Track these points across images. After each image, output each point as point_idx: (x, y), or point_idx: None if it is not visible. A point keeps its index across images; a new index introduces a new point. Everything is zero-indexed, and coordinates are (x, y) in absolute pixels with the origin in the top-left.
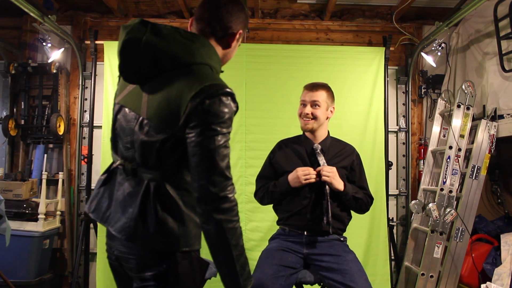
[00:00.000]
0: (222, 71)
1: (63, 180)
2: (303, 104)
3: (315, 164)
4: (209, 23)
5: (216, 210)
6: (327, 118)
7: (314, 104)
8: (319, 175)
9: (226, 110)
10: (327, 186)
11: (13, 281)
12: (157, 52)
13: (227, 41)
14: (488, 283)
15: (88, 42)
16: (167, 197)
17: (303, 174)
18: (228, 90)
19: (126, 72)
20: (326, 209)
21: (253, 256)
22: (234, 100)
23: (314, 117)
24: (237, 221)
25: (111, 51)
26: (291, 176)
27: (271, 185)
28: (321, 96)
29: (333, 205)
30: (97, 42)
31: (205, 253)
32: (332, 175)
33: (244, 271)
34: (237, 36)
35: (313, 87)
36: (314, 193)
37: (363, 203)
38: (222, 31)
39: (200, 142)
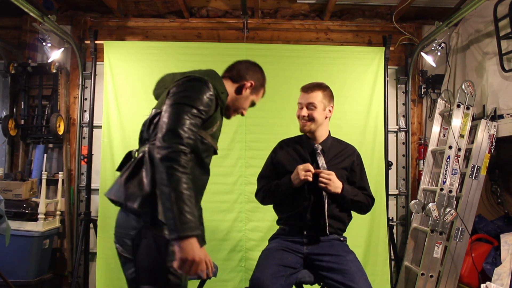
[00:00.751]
0: (223, 93)
1: (63, 180)
2: (300, 107)
3: (315, 164)
4: (231, 71)
5: (163, 158)
6: (326, 117)
7: (309, 106)
8: (316, 176)
9: (195, 88)
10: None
11: (13, 281)
12: (175, 75)
13: (240, 88)
14: (488, 283)
15: (88, 42)
16: (145, 163)
17: (303, 170)
18: (203, 77)
19: (156, 92)
20: (322, 212)
21: (253, 256)
22: (208, 86)
23: (311, 119)
24: (182, 172)
25: (111, 51)
26: (293, 174)
27: (273, 184)
28: (316, 97)
29: (332, 206)
30: (97, 42)
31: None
32: (329, 182)
33: (183, 216)
34: (248, 85)
35: (308, 88)
36: (314, 194)
37: (363, 205)
38: (237, 78)
39: (168, 107)
